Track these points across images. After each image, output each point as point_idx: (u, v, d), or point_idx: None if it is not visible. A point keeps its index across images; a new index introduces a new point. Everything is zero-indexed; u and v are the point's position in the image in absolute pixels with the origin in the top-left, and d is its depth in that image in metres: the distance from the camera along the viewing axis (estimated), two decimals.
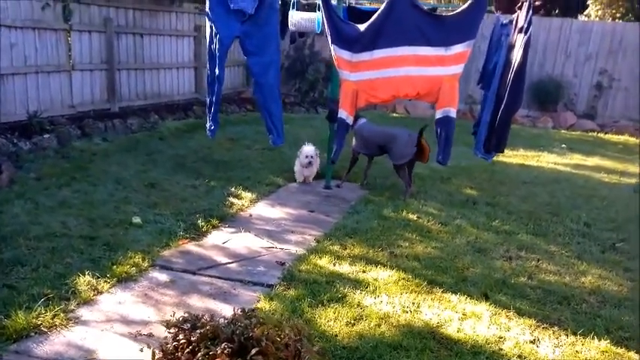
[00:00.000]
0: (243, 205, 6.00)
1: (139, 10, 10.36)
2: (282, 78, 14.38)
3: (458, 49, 4.74)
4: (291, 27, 5.78)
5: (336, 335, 3.39)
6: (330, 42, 4.96)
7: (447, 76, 4.82)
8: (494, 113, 5.22)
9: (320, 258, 4.56)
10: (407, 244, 4.98)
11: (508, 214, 5.99)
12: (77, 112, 9.08)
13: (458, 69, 4.83)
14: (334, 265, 4.45)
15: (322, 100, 13.44)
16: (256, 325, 2.19)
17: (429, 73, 4.83)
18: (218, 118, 5.44)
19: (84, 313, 3.60)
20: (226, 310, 3.71)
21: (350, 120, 5.09)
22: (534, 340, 3.53)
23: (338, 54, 4.95)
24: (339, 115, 5.07)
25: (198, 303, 3.83)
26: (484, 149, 5.41)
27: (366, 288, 4.02)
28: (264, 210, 5.95)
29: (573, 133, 12.80)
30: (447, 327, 3.58)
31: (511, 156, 9.08)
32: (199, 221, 5.30)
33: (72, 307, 3.62)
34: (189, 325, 2.27)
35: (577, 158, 9.63)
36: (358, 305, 3.76)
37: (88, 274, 4.01)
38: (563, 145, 10.66)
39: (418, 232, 5.27)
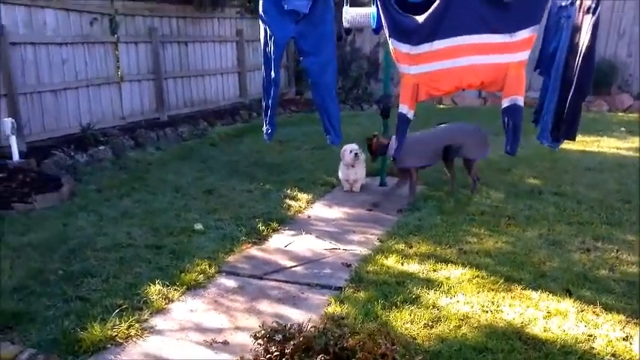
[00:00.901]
0: (300, 206, 5.93)
1: (182, 18, 10.46)
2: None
3: (523, 34, 4.53)
4: (345, 24, 5.66)
5: (415, 338, 3.26)
6: (387, 36, 4.82)
7: (513, 63, 4.61)
8: (560, 99, 4.97)
9: (386, 258, 4.44)
10: (475, 239, 4.80)
11: (578, 203, 5.72)
12: (128, 123, 9.24)
13: (524, 55, 4.61)
14: (402, 264, 4.32)
15: (366, 97, 13.32)
16: (350, 335, 2.09)
17: (494, 61, 4.64)
18: (275, 121, 5.38)
19: (158, 322, 3.58)
20: (297, 315, 3.64)
21: (411, 115, 4.94)
22: (626, 336, 3.32)
23: (396, 47, 4.81)
24: (399, 111, 4.93)
25: (269, 308, 3.77)
26: (552, 137, 5.16)
27: (440, 287, 3.88)
28: (322, 211, 5.87)
29: (631, 115, 12.24)
30: (532, 326, 3.40)
31: (570, 142, 8.70)
32: (259, 225, 5.25)
33: (145, 317, 3.61)
34: (280, 336, 2.19)
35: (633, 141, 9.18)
36: (434, 306, 3.62)
37: (158, 282, 4.01)
38: (623, 129, 10.20)
39: (485, 227, 5.08)
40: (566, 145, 8.56)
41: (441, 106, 13.26)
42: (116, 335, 3.37)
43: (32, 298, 3.81)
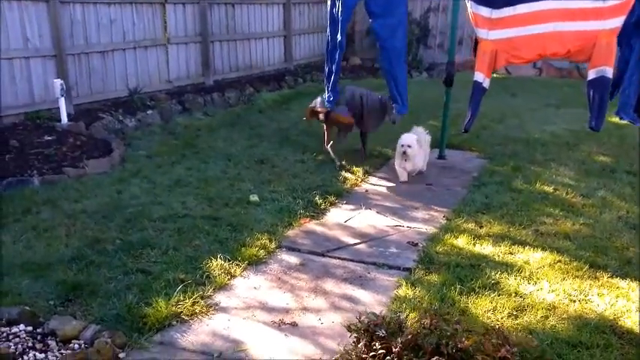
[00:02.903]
0: (356, 179, 5.69)
1: None
2: (371, 42, 13.93)
3: None
4: None
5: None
6: None
7: (604, 30, 4.21)
8: None
9: (456, 238, 4.18)
10: (551, 220, 4.50)
11: None
12: (174, 87, 9.07)
13: (617, 22, 4.20)
14: (474, 245, 4.07)
15: (416, 64, 12.86)
16: (463, 334, 1.87)
17: (583, 27, 4.25)
18: (338, 87, 5.09)
19: (222, 299, 3.43)
20: (366, 297, 3.45)
21: (487, 83, 4.61)
22: None
23: (475, 10, 4.46)
24: (474, 78, 4.60)
25: (335, 288, 3.58)
26: (635, 112, 4.75)
27: (520, 273, 3.62)
28: (379, 184, 5.62)
29: None
30: (626, 319, 3.13)
31: None
32: (317, 198, 5.04)
33: (209, 293, 3.46)
34: (383, 331, 1.98)
35: None
36: (516, 294, 3.37)
37: (220, 257, 3.85)
38: None
39: (560, 207, 4.77)
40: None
41: (494, 75, 12.70)
42: (181, 312, 3.23)
43: (91, 269, 3.70)
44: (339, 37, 4.80)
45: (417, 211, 4.87)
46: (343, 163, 5.94)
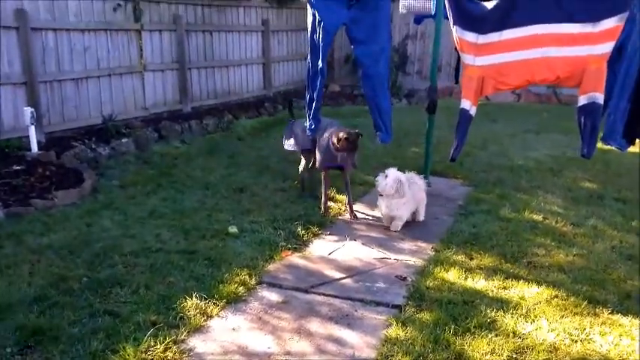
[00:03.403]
0: (339, 208, 5.48)
1: (208, 6, 10.02)
2: (350, 69, 13.87)
3: (608, 24, 4.02)
4: (401, 9, 5.17)
5: None
6: (451, 23, 4.35)
7: (594, 56, 4.10)
8: (637, 98, 4.44)
9: (446, 271, 3.98)
10: (542, 251, 4.33)
11: None
12: (150, 114, 8.83)
13: (607, 47, 4.10)
14: (465, 279, 3.86)
15: (395, 91, 12.79)
16: None
17: (572, 53, 4.14)
18: (319, 115, 4.90)
19: (197, 343, 3.15)
20: (354, 338, 3.22)
21: (473, 111, 4.46)
22: None
23: (461, 36, 4.34)
24: (461, 106, 4.45)
25: (320, 329, 3.33)
26: (625, 138, 4.63)
27: (516, 310, 3.41)
28: (363, 213, 5.40)
29: None
30: None
31: None
32: (299, 229, 4.81)
33: (183, 337, 3.18)
34: None
35: None
36: (514, 334, 3.16)
37: (195, 295, 3.57)
38: None
39: (551, 237, 4.60)
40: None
41: None
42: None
43: (55, 311, 3.40)
44: (320, 63, 4.63)
45: (403, 242, 4.66)
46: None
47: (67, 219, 4.94)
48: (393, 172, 4.68)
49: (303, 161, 5.80)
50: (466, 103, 4.44)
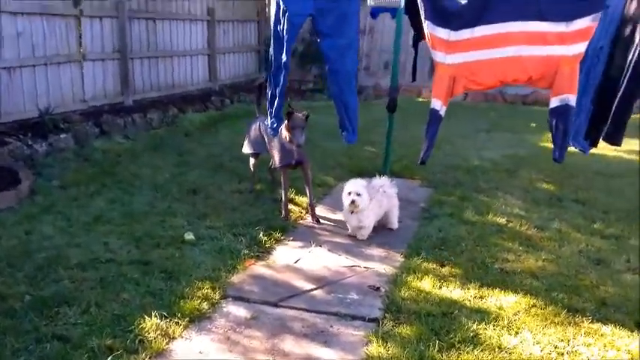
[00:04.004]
0: (300, 212, 5.25)
1: None
2: (298, 62, 13.58)
3: (581, 23, 3.96)
4: (370, 2, 4.96)
5: None
6: (423, 18, 4.18)
7: (567, 57, 4.04)
8: (599, 99, 4.43)
9: (419, 280, 3.83)
10: (512, 256, 4.26)
11: (604, 213, 5.26)
12: (89, 107, 8.27)
13: (580, 48, 4.04)
14: (440, 288, 3.72)
15: None
16: None
17: (545, 52, 4.06)
18: (282, 113, 4.64)
19: None
20: (332, 357, 3.00)
21: (444, 111, 4.32)
22: None
23: (432, 32, 4.17)
24: (431, 106, 4.30)
25: (295, 348, 3.09)
26: (587, 139, 4.61)
27: (497, 321, 3.29)
28: (326, 217, 5.19)
29: None
30: None
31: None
32: (261, 235, 4.55)
33: None
34: None
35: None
36: (500, 348, 3.03)
37: (155, 314, 3.26)
38: None
39: (517, 241, 4.54)
40: None
41: (420, 99, 12.72)
42: None
43: None
44: (283, 57, 4.35)
45: (370, 248, 4.48)
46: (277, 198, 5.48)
47: (3, 226, 4.48)
48: (361, 187, 4.44)
49: (252, 161, 5.62)
50: (437, 103, 4.30)
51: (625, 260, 4.25)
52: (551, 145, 4.56)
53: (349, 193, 4.44)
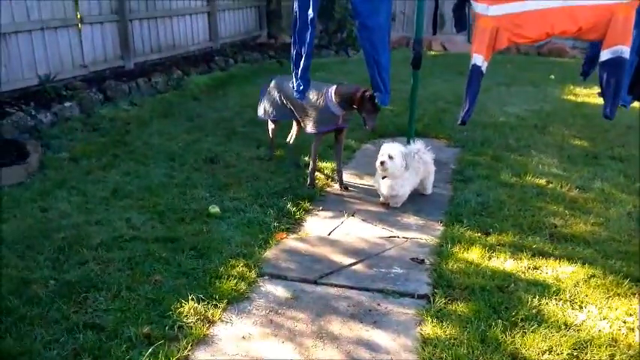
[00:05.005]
0: (326, 178, 4.99)
1: None
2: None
3: None
4: None
5: None
6: None
7: (622, 4, 3.70)
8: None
9: (466, 250, 3.60)
10: (559, 220, 4.03)
11: None
12: (90, 73, 7.89)
13: None
14: (489, 259, 3.50)
15: (351, 41, 12.16)
16: None
17: (597, 1, 3.73)
18: (308, 74, 4.28)
19: (205, 358, 2.65)
20: (384, 339, 2.79)
21: (485, 67, 4.00)
22: None
23: None
24: (472, 62, 3.98)
25: (345, 330, 2.88)
26: (630, 94, 4.31)
27: (558, 295, 3.08)
28: (354, 183, 4.94)
29: None
30: None
31: (589, 95, 8.02)
32: (288, 205, 4.30)
33: (187, 353, 2.67)
34: None
35: None
36: (566, 325, 2.82)
37: (191, 297, 3.04)
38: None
39: (562, 203, 4.31)
40: (586, 97, 7.93)
41: (431, 52, 12.30)
42: None
43: (23, 329, 2.79)
44: (310, 12, 3.98)
45: (406, 217, 4.25)
46: (300, 164, 5.23)
47: (17, 204, 4.22)
48: (396, 150, 4.18)
49: (271, 126, 5.25)
50: (478, 58, 3.98)
51: None
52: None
53: (381, 155, 4.17)
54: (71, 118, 6.43)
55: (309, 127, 4.64)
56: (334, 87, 4.49)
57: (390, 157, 4.17)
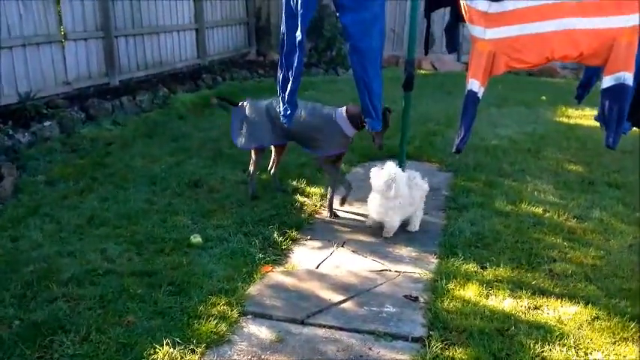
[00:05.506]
0: (314, 204, 4.78)
1: None
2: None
3: None
4: None
5: None
6: None
7: (625, 28, 3.54)
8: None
9: (462, 287, 3.40)
10: (557, 253, 3.85)
11: None
12: (74, 90, 7.67)
13: None
14: (488, 297, 3.30)
15: (340, 59, 12.05)
16: None
17: (599, 25, 3.56)
18: (295, 99, 4.07)
19: None
20: None
21: (482, 93, 3.82)
22: None
23: (469, 4, 3.66)
24: (468, 87, 3.80)
25: None
26: (629, 120, 4.15)
27: (561, 340, 2.88)
28: (343, 210, 4.74)
29: None
30: None
31: (581, 117, 7.92)
32: (275, 235, 4.09)
33: None
34: None
35: None
36: None
37: (167, 341, 2.80)
38: None
39: (560, 234, 4.14)
40: (578, 119, 7.82)
41: (421, 71, 12.19)
42: None
43: None
44: (298, 34, 3.79)
45: (398, 248, 4.04)
46: (287, 189, 5.02)
47: None
48: (400, 172, 4.03)
49: (253, 157, 4.80)
50: (474, 84, 3.80)
51: None
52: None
53: (387, 175, 4.00)
54: (50, 138, 6.19)
55: (320, 150, 4.45)
56: (344, 108, 4.38)
57: (393, 180, 3.99)
